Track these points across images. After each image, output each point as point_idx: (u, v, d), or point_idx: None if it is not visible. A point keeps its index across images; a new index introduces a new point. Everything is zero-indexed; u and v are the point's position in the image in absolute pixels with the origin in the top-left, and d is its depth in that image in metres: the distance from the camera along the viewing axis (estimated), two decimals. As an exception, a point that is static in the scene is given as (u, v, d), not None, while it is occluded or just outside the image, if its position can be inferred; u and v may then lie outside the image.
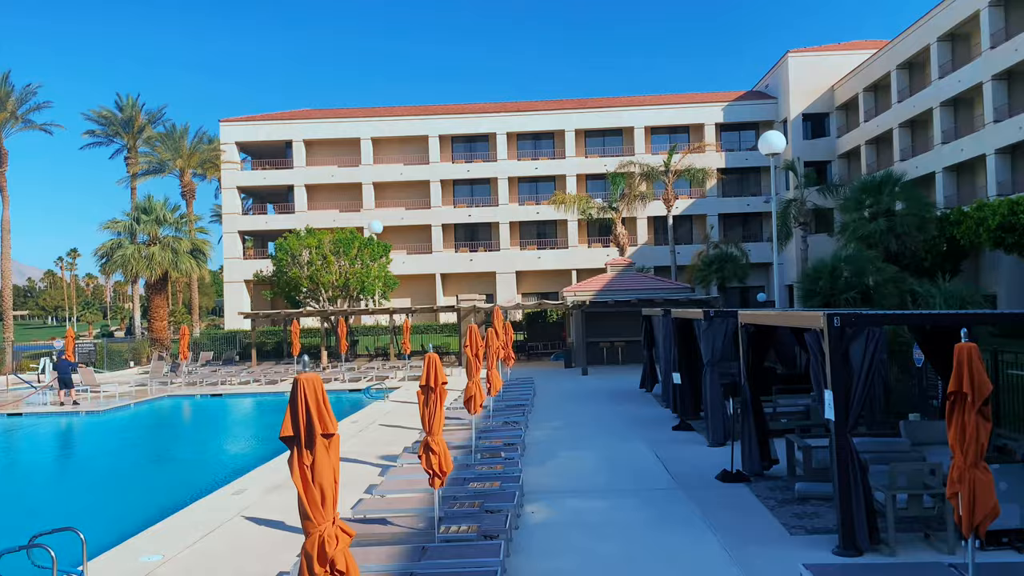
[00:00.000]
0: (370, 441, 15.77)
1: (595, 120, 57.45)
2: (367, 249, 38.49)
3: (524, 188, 58.86)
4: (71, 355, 27.44)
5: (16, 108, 45.75)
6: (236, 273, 57.18)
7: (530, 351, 36.69)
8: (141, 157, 55.76)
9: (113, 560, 8.65)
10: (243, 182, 58.48)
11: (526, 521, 9.64)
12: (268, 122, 58.86)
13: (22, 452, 19.99)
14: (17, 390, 29.67)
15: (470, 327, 12.14)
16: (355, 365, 32.85)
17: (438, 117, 57.95)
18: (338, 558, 4.37)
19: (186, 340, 33.03)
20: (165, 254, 41.26)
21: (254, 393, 27.55)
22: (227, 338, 44.69)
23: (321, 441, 4.44)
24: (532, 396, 20.76)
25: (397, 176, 57.82)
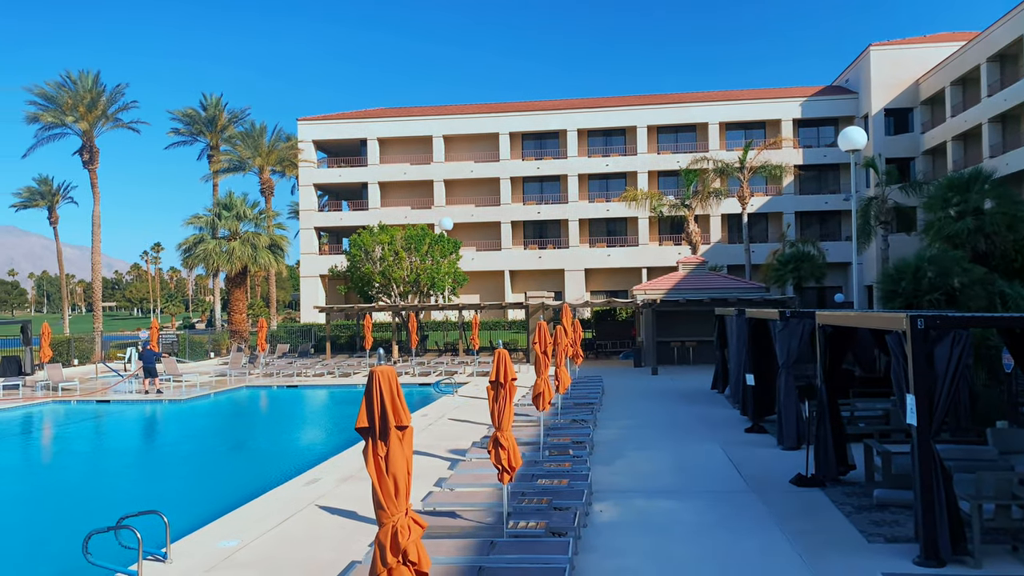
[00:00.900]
0: (439, 435, 15.94)
1: (668, 116, 56.73)
2: (437, 245, 38.93)
3: (594, 185, 58.57)
4: (155, 345, 28.55)
5: (106, 108, 47.83)
6: (312, 268, 58.57)
7: (598, 349, 36.49)
8: (223, 155, 57.62)
9: (193, 543, 8.96)
10: (319, 179, 59.83)
11: (594, 519, 9.60)
12: (344, 121, 60.06)
13: (109, 437, 20.91)
14: (105, 378, 31.05)
15: (539, 324, 12.14)
16: (425, 360, 33.26)
17: (508, 115, 58.12)
18: (410, 549, 4.43)
19: (264, 332, 33.99)
20: (245, 249, 42.51)
21: (328, 385, 28.16)
22: (303, 331, 45.83)
23: (395, 433, 4.51)
24: (601, 394, 20.65)
25: (468, 173, 58.26)
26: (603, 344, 37.00)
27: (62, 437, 20.88)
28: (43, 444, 20.39)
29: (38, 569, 9.69)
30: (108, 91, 47.86)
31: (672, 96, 60.94)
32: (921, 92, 50.96)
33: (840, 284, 53.70)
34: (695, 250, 43.27)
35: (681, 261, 34.32)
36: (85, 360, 38.19)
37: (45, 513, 12.83)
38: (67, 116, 46.43)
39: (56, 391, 25.99)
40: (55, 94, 46.60)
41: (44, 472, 16.77)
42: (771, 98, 56.49)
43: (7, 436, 20.11)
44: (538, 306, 33.14)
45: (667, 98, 59.81)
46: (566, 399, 18.82)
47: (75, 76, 47.12)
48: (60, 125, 47.03)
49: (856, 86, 54.49)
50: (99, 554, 8.01)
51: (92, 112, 46.94)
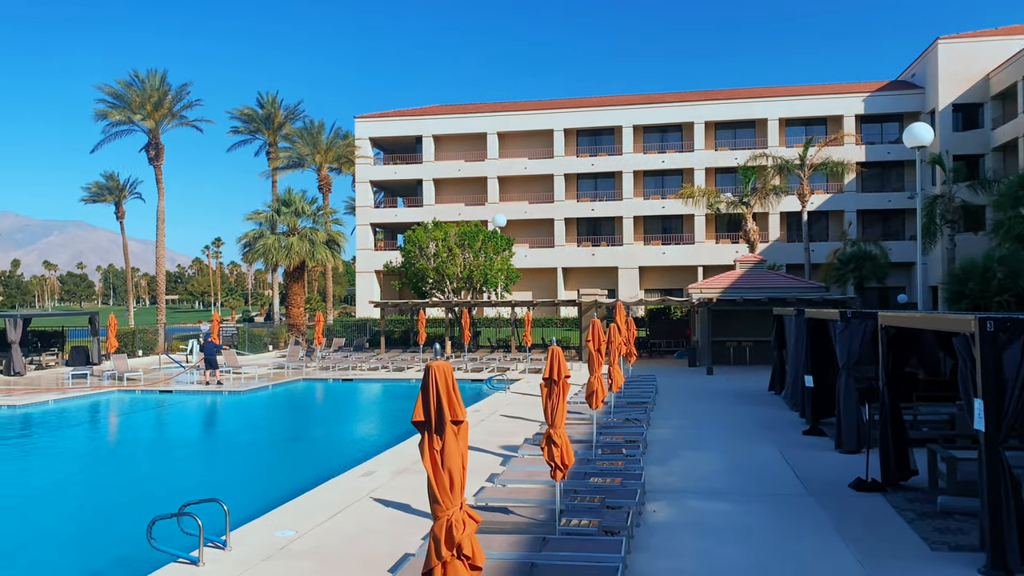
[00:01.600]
0: (491, 431, 16.00)
1: (726, 112, 55.90)
2: (491, 242, 39.06)
3: (649, 182, 58.05)
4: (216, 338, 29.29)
5: (172, 106, 49.18)
6: (367, 263, 59.35)
7: (652, 348, 36.17)
8: (281, 152, 58.77)
9: (251, 532, 9.15)
10: (375, 176, 60.57)
11: (647, 519, 9.52)
12: (400, 118, 60.67)
13: (171, 426, 21.52)
14: (168, 369, 31.97)
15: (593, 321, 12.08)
16: (477, 356, 33.41)
17: (563, 111, 57.98)
18: (465, 543, 4.45)
19: (320, 326, 34.57)
20: (303, 244, 43.28)
21: (382, 379, 28.51)
22: (358, 325, 46.48)
23: (451, 427, 4.53)
24: (654, 394, 20.47)
25: (521, 170, 58.31)
26: (657, 343, 36.66)
27: (127, 425, 21.56)
28: (109, 431, 21.09)
29: (104, 552, 10.03)
30: (173, 90, 49.23)
31: (730, 92, 60.05)
32: (992, 87, 49.17)
33: (903, 285, 52.24)
34: (753, 248, 42.57)
35: (738, 259, 33.80)
36: (149, 351, 39.38)
37: (110, 498, 13.26)
38: (135, 114, 47.90)
39: (122, 380, 26.86)
40: (123, 93, 48.11)
41: (110, 458, 17.35)
42: (833, 93, 55.21)
43: (76, 423, 20.86)
44: (591, 303, 33.00)
45: (725, 94, 58.93)
46: (619, 398, 18.71)
47: (143, 75, 48.57)
48: (128, 123, 48.53)
49: (923, 81, 52.87)
50: (162, 539, 8.25)
51: (158, 110, 48.33)
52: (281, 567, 7.98)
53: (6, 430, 19.18)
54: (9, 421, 20.18)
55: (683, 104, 56.54)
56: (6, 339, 29.56)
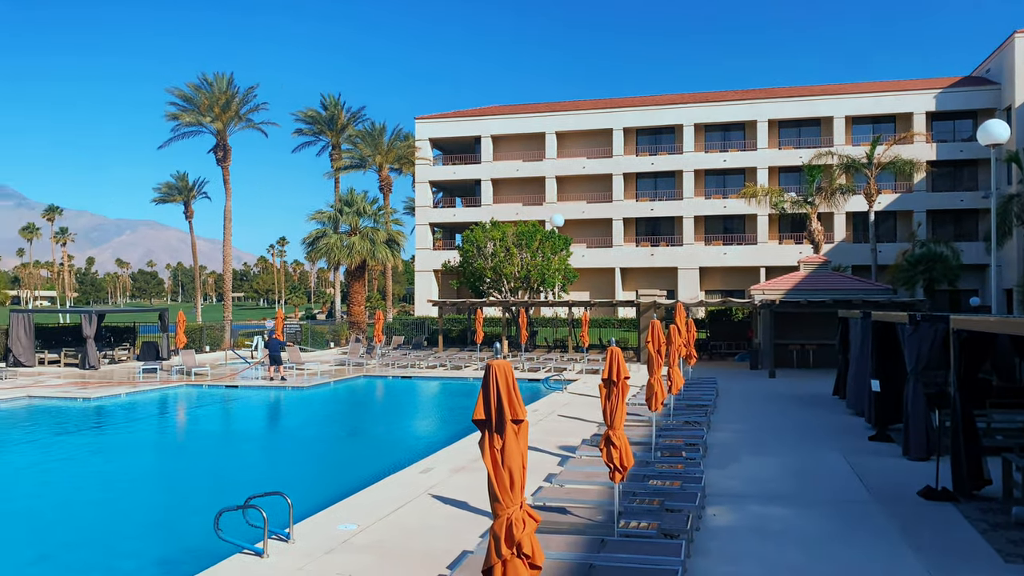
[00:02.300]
0: (549, 431, 16.00)
1: (790, 109, 54.77)
2: (548, 242, 39.03)
3: (711, 181, 57.25)
4: (280, 335, 29.95)
5: (239, 109, 50.47)
6: (426, 263, 59.94)
7: (713, 350, 35.66)
8: (344, 154, 59.75)
9: (314, 525, 9.34)
10: (434, 177, 61.12)
11: (707, 523, 9.40)
12: (459, 119, 61.10)
13: (236, 420, 22.09)
14: (234, 364, 32.82)
15: (653, 322, 11.97)
16: (534, 355, 33.43)
17: (623, 110, 57.59)
18: (524, 541, 4.47)
19: (380, 324, 35.05)
20: (364, 244, 43.94)
21: (440, 377, 28.75)
22: (416, 324, 46.99)
23: (511, 426, 4.55)
24: (715, 396, 20.18)
25: (580, 170, 58.13)
26: (717, 345, 36.14)
27: (194, 419, 22.22)
28: (177, 425, 21.76)
29: (174, 541, 10.36)
30: (240, 93, 50.50)
31: (794, 89, 58.82)
32: (1073, 81, 47.09)
33: (976, 287, 50.39)
34: (817, 249, 41.62)
35: (802, 260, 33.08)
36: (216, 347, 40.48)
37: (179, 489, 13.69)
38: (203, 117, 49.29)
39: (189, 375, 27.67)
40: (193, 96, 49.55)
41: (178, 451, 17.91)
42: (902, 90, 53.60)
43: (146, 416, 21.58)
44: (650, 304, 32.71)
45: (789, 91, 57.75)
46: (679, 400, 18.50)
47: (211, 78, 49.95)
48: (197, 125, 49.97)
49: (998, 76, 50.92)
50: (228, 530, 8.48)
51: (226, 113, 49.65)
52: (343, 560, 8.12)
53: (81, 421, 19.96)
54: (84, 413, 21.00)
55: (746, 102, 55.59)
56: (82, 334, 30.76)
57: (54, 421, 19.98)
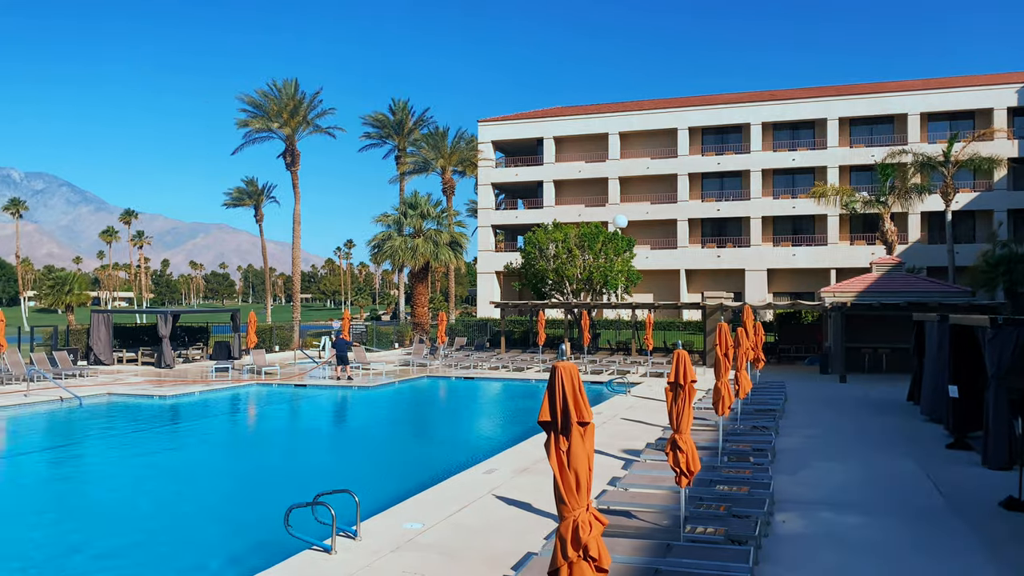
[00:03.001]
0: (612, 434, 15.88)
1: (862, 107, 53.25)
2: (611, 243, 38.79)
3: (779, 181, 56.06)
4: (347, 335, 30.46)
5: (306, 114, 51.57)
6: (488, 265, 60.24)
7: (781, 354, 34.89)
8: (408, 157, 60.53)
9: (380, 523, 9.46)
10: (497, 179, 61.40)
11: (776, 530, 9.19)
12: (521, 121, 61.26)
13: (304, 419, 22.56)
14: (302, 364, 33.53)
15: (720, 325, 11.78)
16: (596, 358, 33.24)
17: (688, 109, 56.87)
18: (591, 544, 4.44)
19: (443, 325, 35.36)
20: (427, 246, 44.41)
21: (502, 378, 28.84)
22: (479, 325, 47.25)
23: (577, 428, 4.53)
24: (783, 401, 19.73)
25: (643, 170, 57.61)
26: (786, 348, 35.35)
27: (264, 417, 22.78)
28: (248, 422, 22.34)
29: (245, 535, 10.62)
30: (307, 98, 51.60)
31: (866, 86, 57.21)
32: None
33: (1062, 290, 48.11)
34: (891, 250, 40.34)
35: (875, 262, 32.11)
36: (285, 347, 41.44)
37: (249, 484, 14.04)
38: (272, 122, 50.53)
39: (260, 374, 28.39)
40: (262, 102, 50.84)
41: (249, 447, 18.37)
42: (981, 85, 51.56)
43: (218, 414, 22.22)
44: (716, 307, 32.20)
45: (860, 88, 56.19)
46: (746, 404, 18.16)
47: (279, 84, 51.17)
48: (266, 130, 51.24)
49: (1087, 68, 48.50)
50: (297, 526, 8.66)
51: (294, 118, 50.78)
52: (409, 558, 8.21)
53: (157, 418, 20.66)
54: (160, 410, 21.73)
55: (815, 100, 54.28)
56: (158, 334, 31.85)
57: (132, 418, 20.74)
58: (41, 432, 18.98)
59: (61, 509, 12.20)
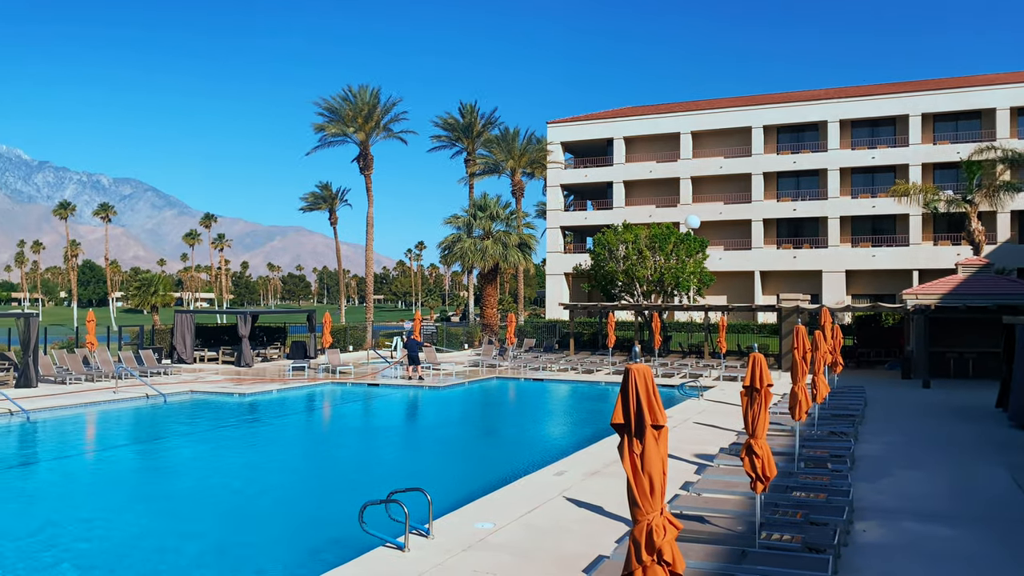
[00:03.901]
0: (684, 438, 15.66)
1: (946, 102, 51.18)
2: (683, 244, 38.24)
3: (858, 179, 54.34)
4: (418, 335, 30.87)
5: (380, 119, 52.51)
6: (557, 266, 60.16)
7: (860, 358, 33.80)
8: (478, 159, 60.95)
9: (452, 522, 9.55)
10: (566, 180, 61.28)
11: (855, 539, 8.92)
12: (591, 122, 60.99)
13: (377, 417, 22.97)
14: (375, 364, 34.13)
15: (797, 328, 11.48)
16: (667, 361, 32.82)
17: (762, 107, 55.66)
18: (665, 548, 4.39)
19: (512, 327, 35.48)
20: (496, 247, 44.65)
21: (571, 380, 28.76)
22: (548, 326, 47.23)
23: (651, 432, 4.49)
24: (863, 406, 19.11)
25: (716, 170, 56.65)
26: (865, 352, 34.24)
27: (339, 415, 23.28)
28: (323, 420, 22.87)
29: (321, 531, 10.87)
30: (382, 104, 52.54)
31: (951, 80, 54.98)
32: None
33: None
34: (978, 251, 38.65)
35: (960, 263, 30.82)
36: (358, 346, 42.24)
37: (325, 481, 14.37)
38: (348, 127, 51.61)
39: (334, 373, 29.01)
40: (338, 107, 51.99)
41: (324, 445, 18.80)
42: (1078, 76, 48.96)
43: (295, 412, 22.80)
44: (792, 309, 31.42)
45: (944, 83, 54.02)
46: (823, 409, 17.67)
47: (355, 90, 52.25)
48: (341, 135, 52.38)
49: None
50: (370, 523, 8.82)
51: (368, 123, 51.79)
52: (481, 558, 8.26)
53: (237, 416, 21.33)
54: (239, 407, 22.43)
55: (896, 96, 52.44)
56: (237, 333, 32.88)
57: (213, 415, 21.47)
58: (129, 427, 19.82)
59: (148, 501, 12.71)
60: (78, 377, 25.77)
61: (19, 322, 24.58)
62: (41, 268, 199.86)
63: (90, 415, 20.73)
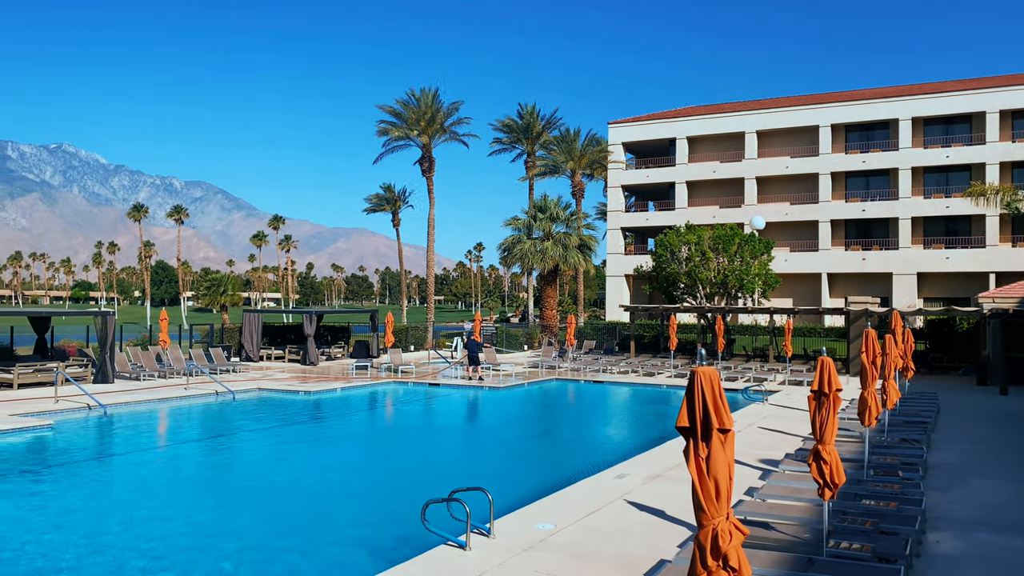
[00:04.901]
0: (748, 443, 15.40)
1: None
2: (747, 246, 37.57)
3: (931, 179, 52.55)
4: (478, 336, 31.05)
5: (443, 122, 53.02)
6: (617, 267, 59.74)
7: (932, 363, 32.71)
8: (538, 160, 60.99)
9: (512, 522, 9.59)
10: (627, 181, 60.83)
11: (928, 549, 8.64)
12: (652, 122, 60.42)
13: (438, 417, 23.18)
14: (435, 364, 34.45)
15: (867, 331, 11.18)
16: (731, 364, 32.30)
17: (830, 105, 54.30)
18: (731, 554, 4.33)
19: (572, 328, 35.38)
20: (556, 249, 44.61)
21: (632, 383, 28.54)
22: (608, 328, 46.96)
23: (717, 435, 4.43)
24: (935, 413, 18.50)
25: (782, 170, 55.49)
26: (938, 357, 33.10)
27: (400, 414, 23.58)
28: (386, 419, 23.19)
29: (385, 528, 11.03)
30: (445, 107, 53.06)
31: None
32: None
33: None
34: (1059, 253, 36.97)
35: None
36: (419, 346, 42.70)
37: (387, 478, 14.57)
38: (411, 130, 52.28)
39: (396, 373, 29.40)
40: (401, 111, 52.69)
41: (386, 443, 19.08)
42: None
43: (358, 410, 23.18)
44: (861, 312, 30.59)
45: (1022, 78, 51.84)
46: (894, 415, 17.16)
47: (418, 94, 52.87)
48: (404, 138, 53.06)
49: None
50: (431, 521, 8.91)
51: (431, 127, 52.36)
52: (542, 559, 8.27)
53: (303, 413, 21.79)
54: (305, 405, 22.91)
55: (972, 92, 50.54)
56: (303, 332, 33.58)
57: (279, 412, 21.98)
58: (199, 423, 20.44)
59: (217, 495, 13.09)
60: (151, 374, 26.68)
61: (97, 320, 25.59)
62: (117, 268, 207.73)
63: (163, 410, 21.45)
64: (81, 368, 25.18)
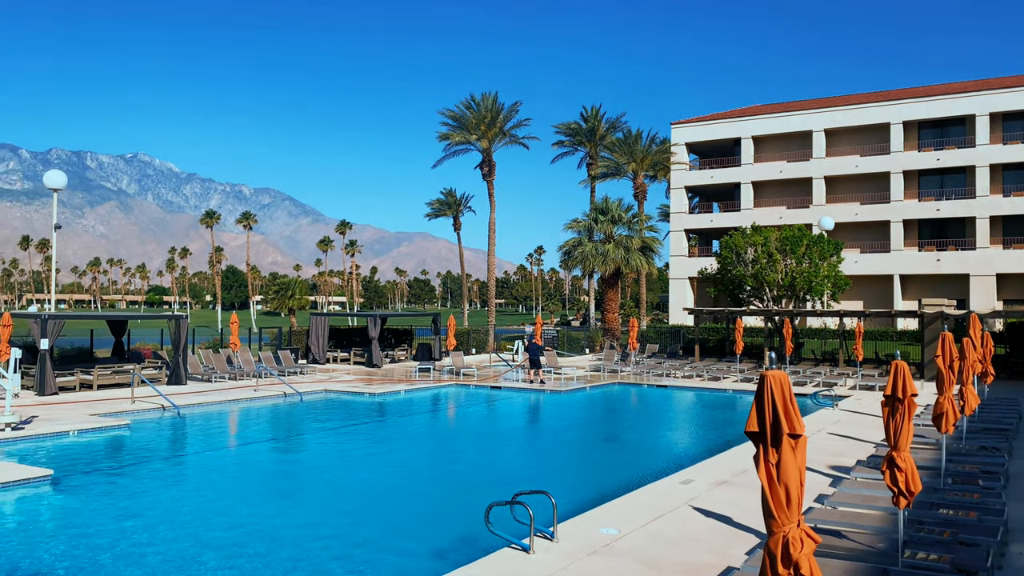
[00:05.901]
0: (818, 449, 15.01)
1: (1114, 90, 46.80)
2: (816, 247, 36.64)
3: (1010, 177, 50.49)
4: (539, 339, 31.02)
5: (503, 125, 53.23)
6: (681, 270, 59.03)
7: (1013, 368, 31.36)
8: (600, 162, 60.71)
9: (576, 526, 9.53)
10: (690, 182, 60.09)
11: (1012, 562, 8.27)
12: (716, 122, 59.56)
13: (500, 420, 23.24)
14: (497, 367, 34.56)
15: (944, 335, 10.78)
16: (799, 368, 31.54)
17: (902, 102, 52.67)
18: (802, 562, 4.21)
19: (635, 332, 35.05)
20: (618, 251, 44.28)
21: (696, 388, 28.12)
22: (671, 332, 46.39)
23: (788, 441, 4.32)
24: (1017, 420, 17.73)
25: (851, 169, 54.05)
26: (1019, 362, 31.72)
27: (463, 416, 23.72)
28: (448, 421, 23.36)
29: (448, 530, 11.10)
30: (505, 110, 53.27)
31: (1121, 65, 50.11)
32: None
33: None
34: None
35: None
36: (480, 349, 42.91)
37: (450, 480, 14.66)
38: (471, 135, 52.63)
39: (458, 375, 29.59)
40: (462, 116, 53.10)
41: (449, 445, 19.20)
42: None
43: (421, 412, 23.40)
44: (936, 315, 29.53)
45: (1113, 68, 49.30)
46: (972, 422, 16.51)
47: (478, 99, 53.20)
48: (465, 143, 53.46)
49: None
50: (495, 524, 8.92)
51: (491, 130, 52.62)
52: (606, 564, 8.20)
53: (367, 415, 22.12)
54: (369, 407, 23.25)
55: (1055, 84, 48.38)
56: (368, 335, 34.09)
57: (345, 413, 22.35)
58: (268, 423, 20.93)
59: (286, 495, 13.37)
60: (222, 375, 27.44)
61: (170, 324, 26.47)
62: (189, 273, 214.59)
63: (233, 411, 22.04)
64: (156, 370, 26.06)
